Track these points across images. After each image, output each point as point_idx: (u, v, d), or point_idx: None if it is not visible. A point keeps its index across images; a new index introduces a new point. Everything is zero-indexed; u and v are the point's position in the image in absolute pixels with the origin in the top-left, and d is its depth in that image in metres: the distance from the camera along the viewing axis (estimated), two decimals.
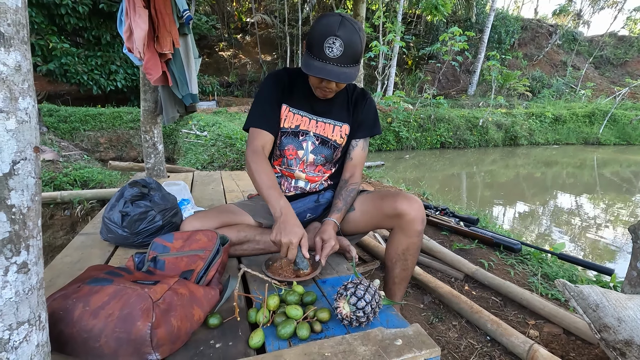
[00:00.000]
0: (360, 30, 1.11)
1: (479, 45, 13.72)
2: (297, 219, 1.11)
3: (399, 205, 1.18)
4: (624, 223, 4.39)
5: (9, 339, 0.57)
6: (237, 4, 15.97)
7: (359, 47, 1.11)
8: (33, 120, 0.59)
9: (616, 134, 12.00)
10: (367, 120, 1.35)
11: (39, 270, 0.63)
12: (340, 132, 1.34)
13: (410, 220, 1.17)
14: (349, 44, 1.08)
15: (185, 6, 2.10)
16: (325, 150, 1.34)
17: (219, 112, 9.31)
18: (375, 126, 1.38)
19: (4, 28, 0.53)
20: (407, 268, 1.26)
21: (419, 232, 1.20)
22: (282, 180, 1.41)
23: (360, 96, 1.36)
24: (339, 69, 1.10)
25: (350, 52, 1.09)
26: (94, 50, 8.82)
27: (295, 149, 1.33)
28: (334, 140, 1.33)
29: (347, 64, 1.11)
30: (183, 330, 0.80)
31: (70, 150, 5.48)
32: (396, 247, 1.24)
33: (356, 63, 1.13)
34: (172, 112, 2.38)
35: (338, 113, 1.33)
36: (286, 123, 1.31)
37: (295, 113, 1.32)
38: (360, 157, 1.37)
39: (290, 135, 1.32)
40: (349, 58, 1.10)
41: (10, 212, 0.56)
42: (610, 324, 0.92)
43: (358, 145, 1.36)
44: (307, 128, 1.32)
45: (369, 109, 1.35)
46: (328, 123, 1.33)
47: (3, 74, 0.53)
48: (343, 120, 1.34)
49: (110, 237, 1.38)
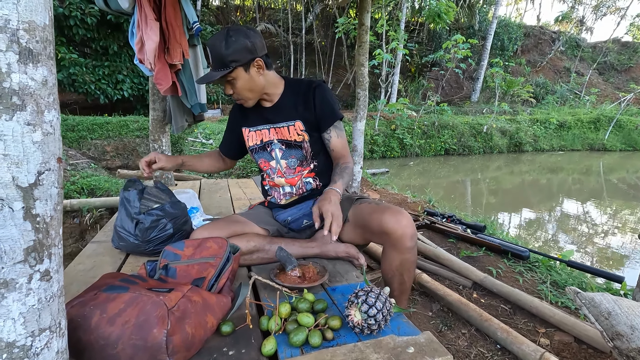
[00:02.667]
0: (228, 37, 1.18)
1: (482, 52, 13.77)
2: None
3: (384, 223, 1.15)
4: (632, 230, 4.35)
5: (32, 345, 0.58)
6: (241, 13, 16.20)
7: (221, 50, 1.18)
8: (57, 132, 0.61)
9: (622, 139, 11.91)
10: (324, 110, 1.35)
11: (59, 278, 0.65)
12: (295, 129, 1.36)
13: (398, 237, 1.14)
14: (212, 49, 1.20)
15: (195, 18, 2.15)
16: (293, 151, 1.38)
17: (224, 120, 9.40)
18: (334, 113, 1.36)
19: (33, 45, 0.55)
20: (404, 282, 1.23)
21: (409, 249, 1.16)
22: (272, 192, 1.47)
23: (307, 89, 1.35)
24: (209, 74, 1.23)
25: (215, 57, 1.21)
26: (102, 60, 8.97)
27: (267, 161, 1.43)
28: (293, 140, 1.37)
29: (215, 68, 1.23)
30: (197, 337, 0.80)
31: (78, 158, 5.54)
32: (389, 264, 1.21)
33: (223, 67, 1.20)
34: (180, 121, 2.42)
35: (287, 113, 1.36)
36: (250, 142, 1.43)
37: (254, 130, 1.42)
38: (340, 144, 1.38)
39: (259, 151, 1.43)
40: (215, 62, 1.22)
41: (35, 221, 0.57)
42: (623, 331, 0.92)
43: (331, 135, 1.37)
44: (270, 138, 1.39)
45: (321, 97, 1.34)
46: (282, 126, 1.37)
47: (31, 89, 0.56)
48: (293, 117, 1.36)
49: (122, 245, 1.39)
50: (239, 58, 1.20)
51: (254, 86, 1.28)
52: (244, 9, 16.34)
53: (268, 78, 1.31)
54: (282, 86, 1.37)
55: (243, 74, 1.24)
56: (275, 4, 16.47)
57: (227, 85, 1.27)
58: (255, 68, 1.25)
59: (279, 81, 1.37)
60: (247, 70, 1.24)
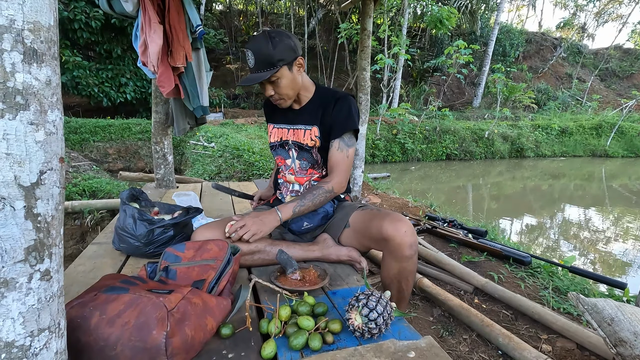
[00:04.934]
0: (273, 38, 1.22)
1: (484, 58, 13.81)
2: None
3: (384, 230, 1.13)
4: (635, 237, 4.32)
5: (30, 345, 0.58)
6: (244, 18, 16.32)
7: (266, 51, 1.21)
8: (60, 132, 0.62)
9: (624, 146, 11.89)
10: (337, 120, 1.34)
11: (60, 278, 0.64)
12: (310, 134, 1.38)
13: (397, 245, 1.12)
14: (257, 51, 1.22)
15: (198, 21, 2.16)
16: (305, 154, 1.41)
17: (226, 123, 9.42)
18: (347, 123, 1.33)
19: (37, 45, 0.56)
20: (402, 290, 1.22)
21: (407, 257, 1.13)
22: (282, 187, 1.51)
23: (331, 99, 1.36)
24: (255, 75, 1.24)
25: (260, 59, 1.22)
26: (105, 64, 9.04)
27: (283, 158, 1.48)
28: (305, 144, 1.39)
29: (260, 70, 1.24)
30: (197, 339, 0.80)
31: (80, 160, 5.55)
32: (388, 271, 1.20)
33: (270, 67, 1.23)
34: (183, 124, 2.43)
35: (308, 117, 1.39)
36: (272, 138, 1.49)
37: (277, 127, 1.47)
38: (336, 158, 1.35)
39: (278, 148, 1.48)
40: (260, 64, 1.23)
41: (36, 220, 0.57)
42: (626, 338, 0.91)
43: (333, 146, 1.36)
44: (287, 137, 1.44)
45: (339, 108, 1.34)
46: (299, 129, 1.40)
47: (34, 88, 0.56)
48: (311, 123, 1.38)
49: (123, 247, 1.39)
50: (285, 57, 1.23)
51: (295, 85, 1.31)
52: (247, 14, 16.46)
53: (304, 79, 1.36)
54: (313, 91, 1.40)
55: (287, 73, 1.27)
56: (278, 9, 16.58)
57: (268, 86, 1.29)
58: (297, 67, 1.29)
59: (311, 85, 1.41)
60: (290, 69, 1.27)
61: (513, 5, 22.65)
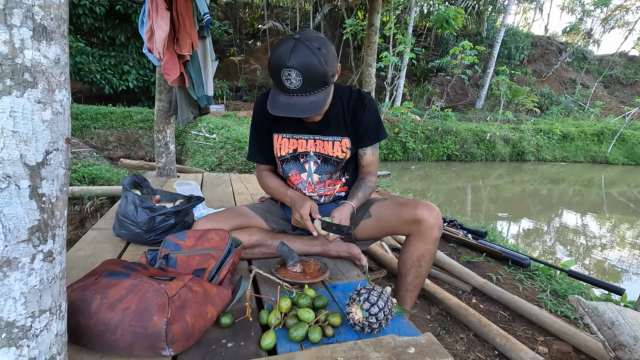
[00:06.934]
0: (319, 50, 1.01)
1: (489, 60, 13.75)
2: (304, 197, 1.23)
3: (419, 212, 1.19)
4: (631, 244, 4.33)
5: (31, 326, 0.58)
6: (249, 10, 16.20)
7: (319, 68, 1.01)
8: (67, 112, 0.61)
9: (625, 153, 11.90)
10: (369, 127, 1.27)
11: (62, 260, 0.64)
12: (341, 146, 1.28)
13: (429, 226, 1.19)
14: (306, 70, 0.99)
15: (206, 9, 2.14)
16: (328, 167, 1.31)
17: (228, 115, 9.38)
18: (379, 131, 1.30)
19: (47, 22, 0.55)
20: (421, 275, 1.27)
21: (435, 239, 1.22)
22: None
23: (357, 103, 1.26)
24: (304, 99, 1.04)
25: (310, 79, 1.01)
26: (108, 51, 8.97)
27: (298, 173, 1.31)
28: (335, 157, 1.28)
29: (311, 91, 1.03)
30: (197, 327, 0.80)
31: (80, 147, 5.53)
32: (412, 254, 1.25)
33: (323, 85, 1.05)
34: (186, 113, 2.41)
35: (335, 128, 1.26)
36: (282, 151, 1.29)
37: (289, 138, 1.28)
38: (372, 162, 1.37)
39: (290, 161, 1.30)
40: (311, 85, 1.02)
41: (41, 200, 0.57)
42: (626, 342, 0.91)
43: (366, 153, 1.34)
44: (306, 149, 1.28)
45: (370, 115, 1.26)
46: (327, 140, 1.27)
47: (43, 66, 0.55)
48: (342, 134, 1.27)
49: (123, 233, 1.39)
50: (334, 70, 1.08)
51: (331, 96, 1.16)
52: (252, 6, 16.34)
53: None
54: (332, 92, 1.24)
55: (332, 86, 1.11)
56: (284, 2, 16.46)
57: None
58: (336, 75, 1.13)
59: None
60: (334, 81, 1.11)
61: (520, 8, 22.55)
